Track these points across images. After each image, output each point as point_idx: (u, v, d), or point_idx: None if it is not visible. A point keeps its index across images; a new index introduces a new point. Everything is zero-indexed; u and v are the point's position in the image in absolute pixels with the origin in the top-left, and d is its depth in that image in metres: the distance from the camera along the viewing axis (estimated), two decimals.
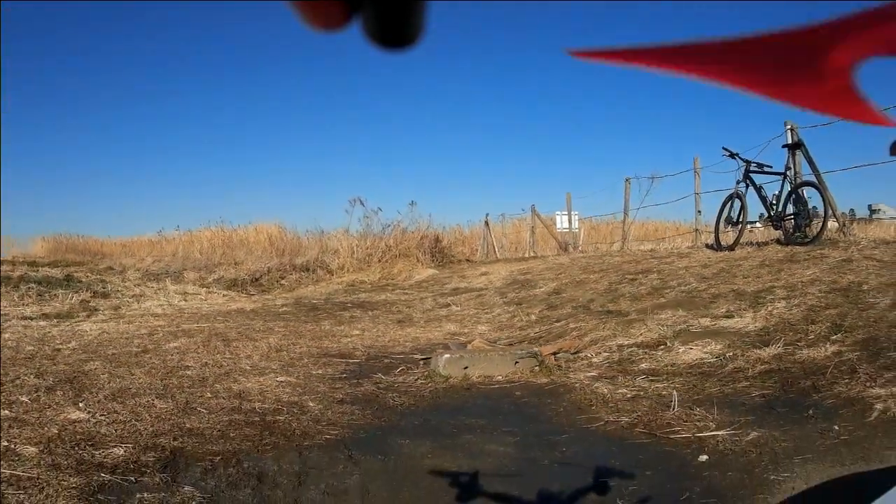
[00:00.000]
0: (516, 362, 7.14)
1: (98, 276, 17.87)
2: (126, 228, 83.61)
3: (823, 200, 11.60)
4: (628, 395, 5.93)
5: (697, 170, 16.71)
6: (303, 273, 22.21)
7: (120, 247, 43.40)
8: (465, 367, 6.98)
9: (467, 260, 24.10)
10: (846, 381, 5.30)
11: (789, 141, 12.88)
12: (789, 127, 12.95)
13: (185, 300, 15.37)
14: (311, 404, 5.82)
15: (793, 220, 12.11)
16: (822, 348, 6.15)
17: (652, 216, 23.49)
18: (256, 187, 72.23)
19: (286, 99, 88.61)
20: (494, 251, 27.93)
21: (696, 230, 17.03)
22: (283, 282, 21.67)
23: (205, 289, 18.86)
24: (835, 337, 6.36)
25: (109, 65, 74.03)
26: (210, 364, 7.38)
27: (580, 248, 23.89)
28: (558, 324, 9.68)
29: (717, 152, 13.47)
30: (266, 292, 19.90)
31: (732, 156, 13.12)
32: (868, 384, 5.10)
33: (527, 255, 24.29)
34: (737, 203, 12.94)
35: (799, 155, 12.70)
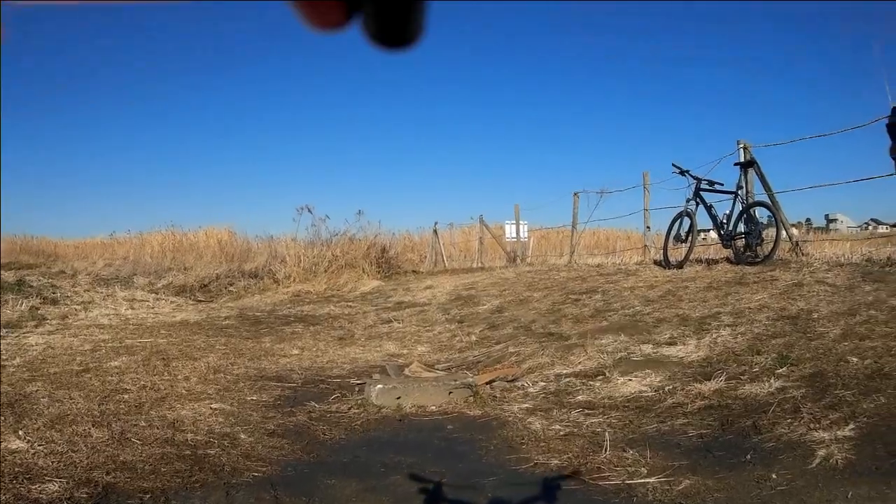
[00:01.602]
0: (450, 392, 7.02)
1: (49, 281, 18.27)
2: (79, 230, 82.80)
3: (776, 220, 11.57)
4: (561, 433, 5.76)
5: (647, 185, 16.69)
6: (251, 280, 22.42)
7: (73, 248, 43.49)
8: (399, 398, 6.91)
9: (413, 271, 23.98)
10: (789, 421, 5.18)
11: (741, 159, 12.86)
12: (742, 145, 12.95)
13: (133, 308, 15.64)
14: (242, 436, 5.78)
15: (744, 240, 12.08)
16: (766, 383, 6.03)
17: (604, 224, 23.47)
18: (209, 191, 72.06)
19: (238, 102, 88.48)
20: (443, 260, 27.96)
21: (646, 246, 16.97)
22: (231, 288, 21.93)
23: (153, 295, 19.07)
24: (780, 370, 6.25)
25: (61, 65, 73.16)
26: (148, 387, 7.43)
27: (528, 258, 23.87)
28: (498, 346, 9.58)
29: (668, 168, 13.43)
30: (213, 300, 20.17)
31: (682, 173, 13.09)
32: (812, 426, 4.98)
33: (474, 266, 24.35)
34: (686, 221, 12.88)
35: (751, 173, 12.67)
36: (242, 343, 10.98)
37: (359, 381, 7.75)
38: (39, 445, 5.21)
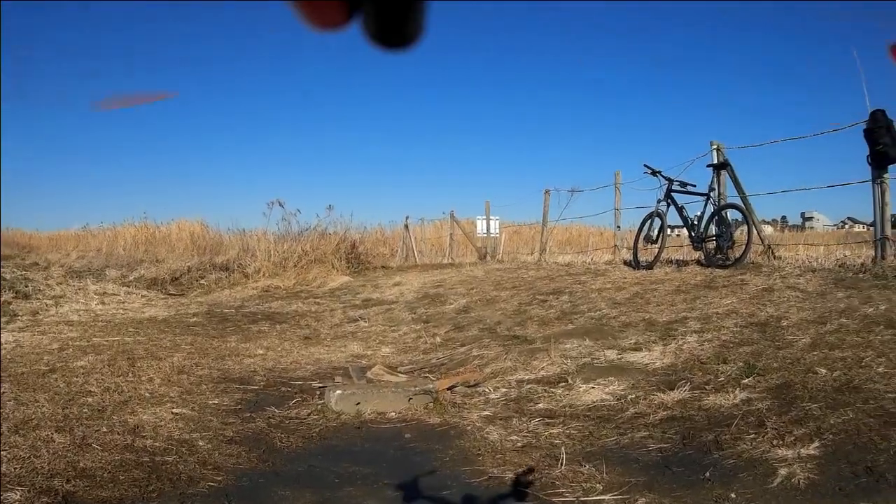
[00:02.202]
0: (410, 398, 6.89)
1: (22, 273, 18.01)
2: (53, 222, 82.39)
3: (748, 223, 11.52)
4: (519, 444, 5.62)
5: (618, 185, 16.69)
6: (222, 273, 22.40)
7: (47, 240, 43.98)
8: (358, 404, 6.78)
9: (383, 266, 23.96)
10: (752, 436, 5.03)
11: (714, 161, 12.83)
12: (715, 147, 12.92)
13: (103, 303, 15.62)
14: (200, 443, 5.72)
15: (715, 242, 12.03)
16: (731, 394, 5.90)
17: (577, 221, 23.47)
18: (182, 183, 71.90)
19: (214, 95, 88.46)
20: (414, 255, 28.00)
21: (616, 246, 16.96)
22: (202, 282, 22.01)
23: (125, 288, 19.10)
24: (746, 381, 6.13)
25: (34, 55, 72.74)
26: (112, 389, 7.38)
27: (500, 255, 23.88)
28: (462, 349, 9.46)
29: (640, 168, 13.42)
30: (184, 294, 20.30)
31: (654, 173, 13.07)
32: (775, 441, 4.84)
33: (445, 262, 24.27)
34: (657, 221, 12.85)
35: (724, 175, 12.63)
36: (208, 342, 10.95)
37: (321, 385, 7.67)
38: (3, 451, 5.18)
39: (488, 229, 24.44)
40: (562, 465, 5.04)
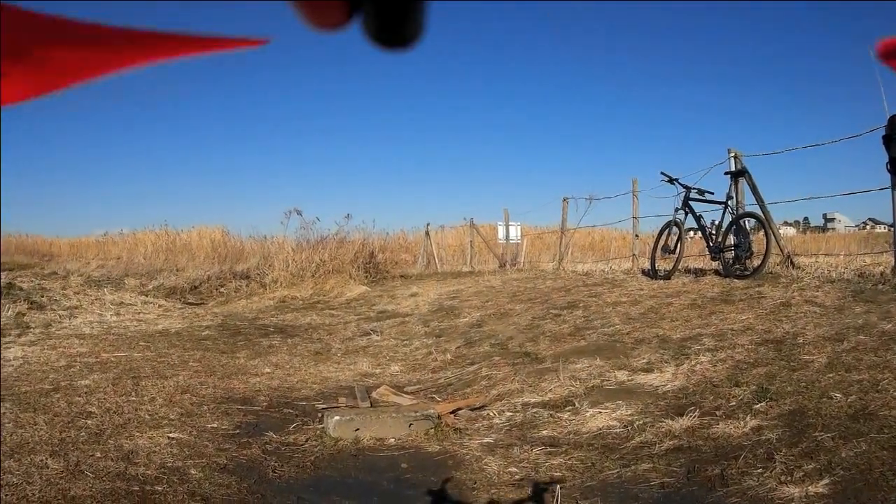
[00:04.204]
0: (410, 424, 6.72)
1: (40, 283, 18.24)
2: (74, 228, 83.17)
3: (766, 233, 11.31)
4: (517, 476, 5.47)
5: (636, 193, 16.64)
6: (241, 281, 22.51)
7: (68, 247, 44.44)
8: (357, 430, 6.63)
9: (402, 276, 23.72)
10: (759, 471, 4.83)
11: (732, 168, 12.66)
12: (733, 154, 12.74)
13: (118, 314, 15.69)
14: (192, 471, 5.61)
15: (733, 252, 11.86)
16: (742, 421, 5.70)
17: (598, 224, 23.48)
18: (202, 189, 72.48)
19: (235, 103, 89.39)
20: (435, 262, 28.06)
21: (634, 255, 16.85)
22: (221, 290, 22.11)
23: (143, 298, 19.15)
24: (758, 406, 5.93)
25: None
26: (112, 410, 7.37)
27: (521, 262, 23.89)
28: (472, 367, 9.31)
29: (658, 176, 13.26)
30: (203, 303, 20.44)
31: (671, 181, 12.95)
32: (783, 477, 4.65)
33: (464, 270, 24.30)
34: (675, 230, 12.72)
35: (742, 183, 12.46)
36: (217, 358, 10.88)
37: (324, 406, 7.54)
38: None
39: (507, 236, 24.42)
40: (557, 501, 4.89)
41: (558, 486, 5.10)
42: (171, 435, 6.54)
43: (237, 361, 10.69)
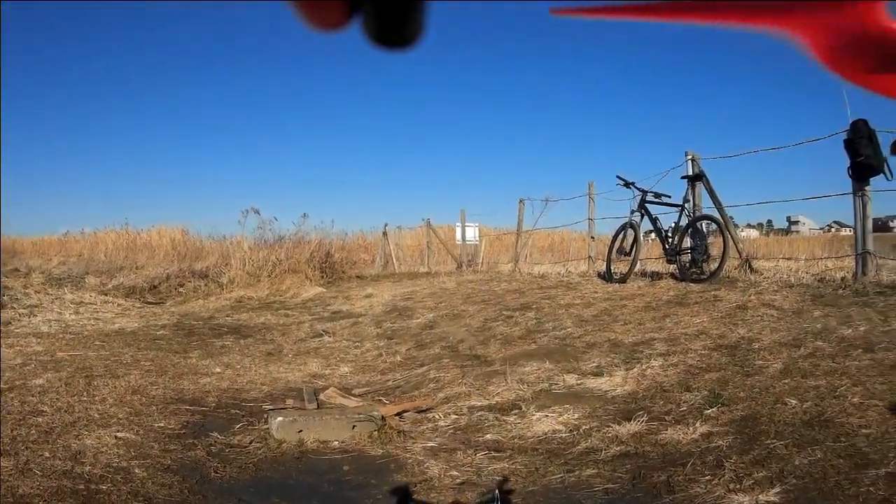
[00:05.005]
0: (354, 426, 6.61)
1: (2, 280, 18.44)
2: (37, 226, 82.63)
3: (723, 236, 11.21)
4: (458, 480, 5.31)
5: (592, 195, 16.68)
6: (200, 281, 22.45)
7: (31, 245, 44.72)
8: (300, 431, 6.55)
9: (358, 276, 23.90)
10: (708, 478, 4.66)
11: (690, 172, 12.67)
12: (690, 157, 12.76)
13: (77, 313, 15.98)
14: (137, 471, 5.58)
15: (689, 255, 11.78)
16: (691, 427, 5.55)
17: (559, 226, 23.52)
18: (163, 189, 72.30)
19: (196, 98, 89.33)
20: (393, 262, 28.19)
21: (590, 257, 16.85)
22: (180, 289, 22.08)
23: (102, 296, 19.38)
24: (709, 411, 5.79)
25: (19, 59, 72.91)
26: (63, 409, 7.37)
27: (479, 263, 24.13)
28: (420, 369, 9.20)
29: (616, 179, 13.19)
30: (162, 302, 20.57)
31: (627, 185, 12.93)
32: (732, 485, 4.47)
33: (421, 271, 24.41)
34: (630, 233, 12.64)
35: (700, 186, 12.44)
36: (169, 358, 10.91)
37: (271, 407, 7.43)
38: None
39: (464, 237, 24.48)
40: None
41: (497, 491, 4.91)
42: (118, 434, 6.51)
43: (189, 361, 10.70)
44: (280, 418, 6.64)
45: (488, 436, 6.29)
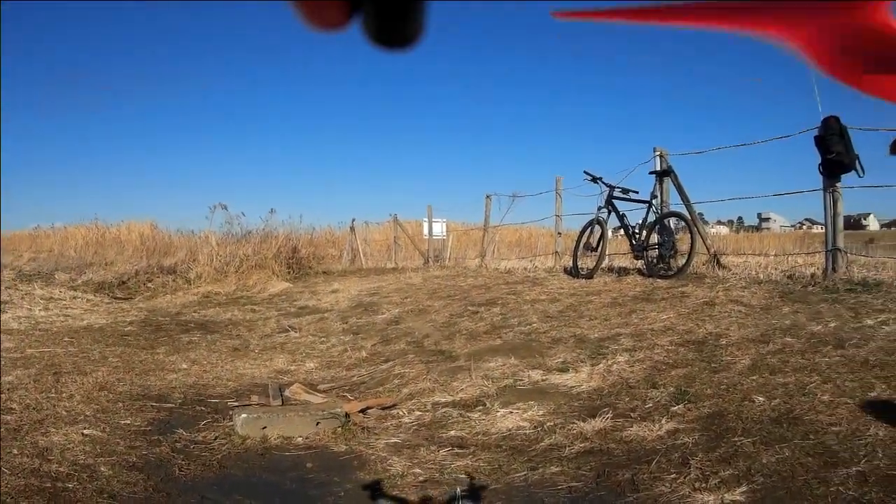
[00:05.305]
0: (318, 423, 6.59)
1: None
2: (7, 222, 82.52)
3: (691, 231, 11.17)
4: (421, 478, 5.22)
5: (560, 191, 16.69)
6: (168, 277, 22.42)
7: (2, 241, 43.61)
8: (264, 428, 6.52)
9: (324, 272, 23.86)
10: (673, 476, 4.57)
11: (657, 167, 12.64)
12: (658, 153, 12.73)
13: (47, 309, 16.03)
14: (103, 469, 5.57)
15: (657, 251, 11.73)
16: (657, 424, 5.46)
17: (527, 222, 23.59)
18: (134, 184, 72.40)
19: (167, 94, 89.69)
20: (360, 258, 28.11)
21: (556, 252, 16.90)
22: (149, 285, 21.99)
23: (72, 292, 19.45)
24: (676, 408, 5.70)
25: None
26: (32, 406, 7.37)
27: (447, 258, 24.24)
28: (386, 365, 9.16)
29: (584, 174, 13.13)
30: (131, 297, 20.49)
31: (594, 180, 12.89)
32: (697, 484, 4.38)
33: (388, 267, 24.44)
34: (597, 229, 12.62)
35: (667, 182, 12.43)
36: (137, 354, 10.90)
37: (236, 403, 7.50)
38: None
39: (431, 232, 24.53)
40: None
41: (458, 489, 4.89)
42: (85, 431, 6.50)
43: (156, 357, 10.70)
44: (244, 415, 6.61)
45: (452, 432, 6.22)
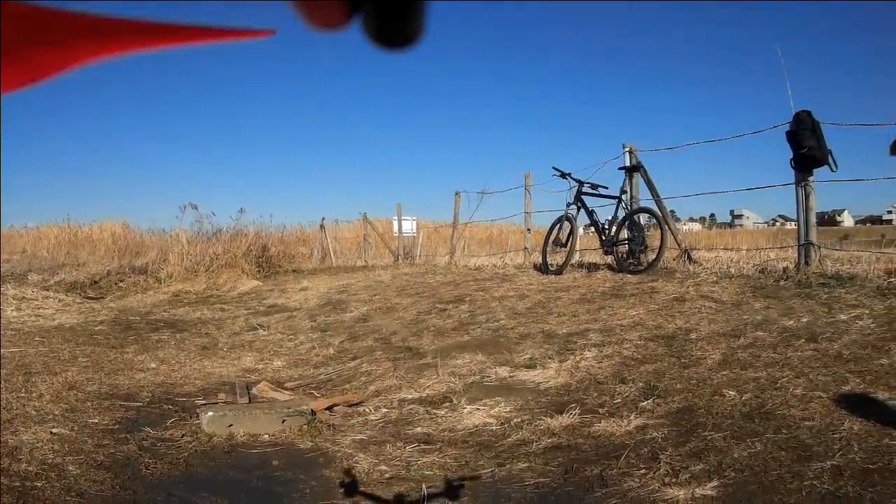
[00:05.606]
0: (283, 420, 6.60)
1: None
2: None
3: (661, 227, 11.17)
4: (387, 475, 5.17)
5: (528, 187, 16.72)
6: (139, 276, 22.36)
7: None
8: (230, 426, 6.51)
9: (294, 270, 23.88)
10: (642, 471, 4.49)
11: (627, 163, 12.64)
12: (628, 149, 12.74)
13: (20, 309, 16.01)
14: (71, 468, 5.56)
15: (626, 246, 11.69)
16: (626, 419, 5.39)
17: (497, 219, 23.83)
18: (105, 183, 72.32)
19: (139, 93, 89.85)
20: (330, 256, 28.23)
21: (526, 248, 16.89)
22: (121, 284, 21.90)
23: (44, 292, 19.31)
24: (644, 403, 5.63)
25: None
26: (2, 406, 7.32)
27: (417, 256, 24.35)
28: (353, 363, 9.11)
29: (554, 170, 13.10)
30: (102, 297, 20.46)
31: (563, 176, 12.86)
32: (667, 478, 4.30)
33: (358, 265, 24.51)
34: (566, 225, 12.59)
35: (637, 178, 12.42)
36: (106, 353, 10.87)
37: (203, 402, 7.56)
38: None
39: (401, 230, 24.88)
40: (424, 501, 4.60)
41: (424, 486, 4.82)
42: (54, 431, 6.49)
43: (125, 356, 10.66)
44: (210, 413, 6.60)
45: (418, 429, 6.18)
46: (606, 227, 12.22)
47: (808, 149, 9.33)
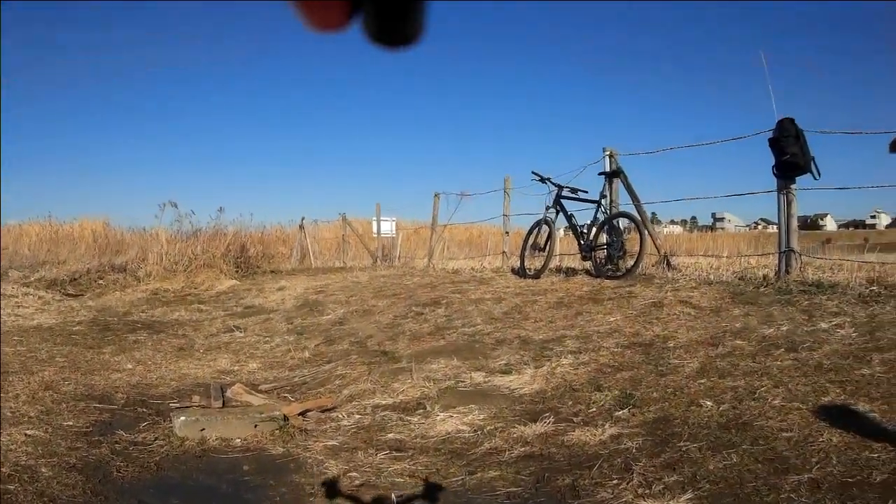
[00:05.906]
0: (256, 425, 6.59)
1: None
2: None
3: (640, 232, 11.11)
4: (356, 482, 5.13)
5: (508, 190, 16.68)
6: (119, 275, 22.22)
7: None
8: (203, 430, 6.51)
9: (272, 271, 23.93)
10: (615, 482, 4.43)
11: (607, 168, 12.58)
12: (608, 153, 12.68)
13: None
14: (43, 470, 5.53)
15: (605, 251, 11.66)
16: (600, 429, 5.33)
17: (477, 220, 23.77)
18: (86, 181, 71.83)
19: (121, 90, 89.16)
20: (310, 256, 28.26)
21: (504, 252, 16.86)
22: (100, 282, 21.76)
23: (24, 289, 19.37)
24: (620, 412, 5.57)
25: None
26: None
27: (396, 256, 24.40)
28: (328, 366, 9.09)
29: (534, 174, 13.05)
30: (82, 294, 20.27)
31: (543, 180, 12.82)
32: (641, 490, 4.24)
33: (337, 265, 24.64)
34: (545, 229, 12.56)
35: (617, 182, 12.36)
36: (83, 354, 10.80)
37: (177, 404, 7.50)
38: None
39: (379, 230, 25.02)
40: None
41: (393, 494, 4.79)
42: (28, 432, 6.43)
43: (102, 357, 10.59)
44: (183, 417, 6.60)
45: (391, 435, 6.13)
46: (585, 231, 12.19)
47: (790, 155, 9.29)
